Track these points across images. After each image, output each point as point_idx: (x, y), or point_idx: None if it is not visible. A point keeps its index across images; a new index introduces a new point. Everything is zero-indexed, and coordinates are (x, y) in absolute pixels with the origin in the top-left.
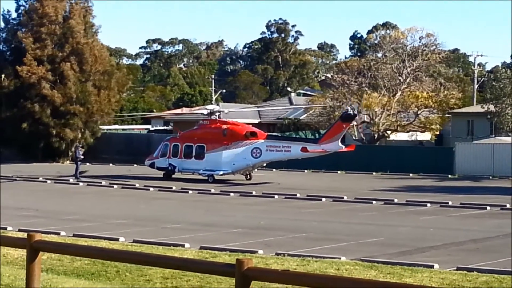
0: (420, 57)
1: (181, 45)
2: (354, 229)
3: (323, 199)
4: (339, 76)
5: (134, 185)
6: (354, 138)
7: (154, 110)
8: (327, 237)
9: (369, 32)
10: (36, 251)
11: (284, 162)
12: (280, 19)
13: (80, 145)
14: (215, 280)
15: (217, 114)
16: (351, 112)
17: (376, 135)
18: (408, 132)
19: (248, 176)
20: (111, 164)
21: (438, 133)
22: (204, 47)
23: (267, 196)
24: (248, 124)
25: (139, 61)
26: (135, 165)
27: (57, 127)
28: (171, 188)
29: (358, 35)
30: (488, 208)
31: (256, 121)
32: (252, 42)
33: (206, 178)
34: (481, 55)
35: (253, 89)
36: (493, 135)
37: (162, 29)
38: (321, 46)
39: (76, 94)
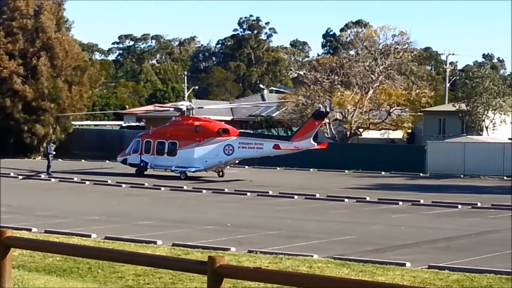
0: (393, 55)
1: (153, 41)
2: (327, 227)
3: (296, 196)
4: (311, 73)
5: (106, 181)
6: (326, 135)
7: (127, 106)
8: (300, 234)
9: (342, 29)
10: (7, 247)
11: (256, 159)
12: (251, 16)
13: (52, 141)
14: (187, 278)
15: (189, 110)
16: (323, 110)
17: (348, 133)
18: (380, 130)
19: (221, 173)
20: (83, 160)
21: (410, 131)
22: (177, 43)
23: (240, 193)
24: (221, 121)
25: (112, 57)
26: (108, 161)
27: (28, 122)
28: (144, 184)
29: (331, 33)
30: (460, 206)
31: (229, 118)
32: (225, 38)
33: (179, 174)
34: (453, 54)
35: (226, 86)
36: (465, 134)
37: (134, 25)
38: (294, 43)
39: (48, 89)
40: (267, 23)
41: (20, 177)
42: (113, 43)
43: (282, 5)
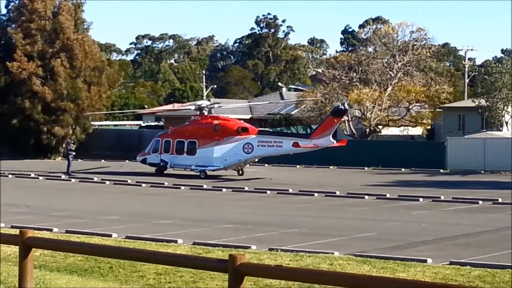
0: (411, 51)
1: (171, 40)
2: (347, 224)
3: (315, 194)
4: (329, 71)
5: (126, 181)
6: (345, 133)
7: (146, 106)
8: (320, 232)
9: (360, 26)
10: (28, 247)
11: (275, 158)
12: (268, 14)
13: (72, 142)
14: (208, 276)
15: (208, 109)
16: (342, 107)
17: (367, 130)
18: (399, 126)
19: (240, 172)
20: (102, 160)
21: (429, 127)
22: (195, 43)
23: (259, 192)
24: (240, 119)
25: (130, 57)
26: (127, 161)
27: (48, 123)
28: (163, 184)
29: (350, 30)
30: (480, 202)
31: (248, 116)
32: (242, 37)
33: (198, 173)
34: (472, 50)
35: (244, 84)
36: (484, 130)
37: (152, 25)
38: (311, 41)
39: (67, 90)
40: (283, 21)
41: (41, 178)
42: (131, 43)
43: (299, 3)
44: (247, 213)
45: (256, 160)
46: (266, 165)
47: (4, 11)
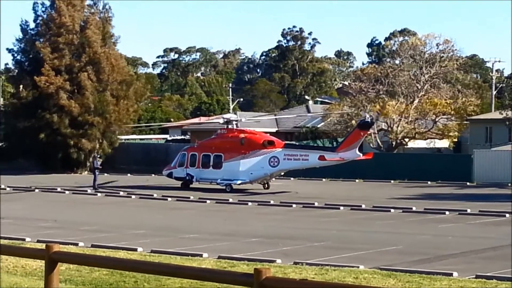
0: (438, 63)
1: (198, 53)
2: (372, 237)
3: (341, 207)
4: (356, 83)
5: (152, 195)
6: (372, 146)
7: (172, 120)
8: (345, 246)
9: (387, 39)
10: (54, 262)
11: (301, 171)
12: (294, 27)
13: (98, 155)
14: None
15: (234, 123)
16: (369, 120)
17: (394, 143)
18: (426, 139)
19: (266, 185)
20: (129, 174)
21: (456, 140)
22: (221, 56)
23: (285, 205)
24: (266, 133)
25: (157, 70)
26: (153, 175)
27: (75, 137)
28: (189, 197)
29: (376, 42)
30: (507, 215)
31: (274, 129)
32: (269, 50)
33: (224, 187)
34: (499, 61)
35: (271, 97)
36: None
37: (179, 38)
38: (338, 54)
39: (94, 104)
40: (310, 34)
41: (67, 192)
42: (157, 57)
43: (326, 16)
44: (273, 227)
45: (282, 173)
46: (292, 178)
47: (32, 25)
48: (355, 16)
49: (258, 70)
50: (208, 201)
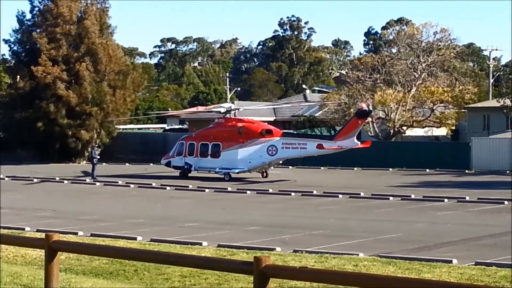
0: (435, 52)
1: (195, 43)
2: (372, 225)
3: (340, 196)
4: (353, 72)
5: (151, 184)
6: (369, 134)
7: (170, 109)
8: (345, 234)
9: (384, 28)
10: (54, 251)
11: (300, 159)
12: (292, 16)
13: (96, 145)
14: (233, 278)
15: (232, 112)
16: (366, 109)
17: (392, 131)
18: (424, 127)
19: (264, 174)
20: (127, 164)
21: (454, 128)
22: (218, 46)
23: (284, 194)
24: (264, 122)
25: (154, 60)
26: (151, 164)
27: (73, 127)
28: (188, 186)
29: (373, 31)
30: (506, 202)
31: (272, 118)
32: (266, 39)
33: (223, 176)
34: (496, 49)
35: (268, 86)
36: (510, 130)
37: (176, 28)
38: (335, 43)
39: (92, 94)
40: (306, 23)
41: (66, 181)
42: (155, 47)
43: (323, 5)
44: (272, 215)
45: (280, 162)
46: (290, 167)
47: (29, 16)
48: (352, 5)
49: (255, 59)
50: (206, 190)
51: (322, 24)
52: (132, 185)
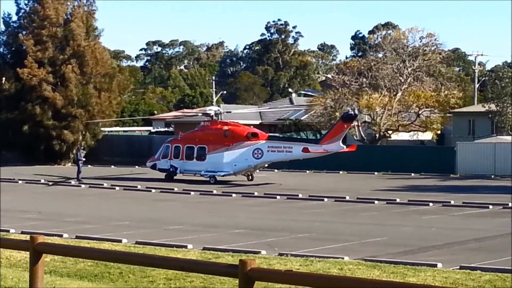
0: (421, 57)
1: (181, 46)
2: (357, 229)
3: (325, 199)
4: (339, 76)
5: (136, 186)
6: (355, 138)
7: (155, 112)
8: (330, 237)
9: (370, 32)
10: (39, 253)
11: (285, 163)
12: (279, 20)
13: (82, 147)
14: (218, 281)
15: (218, 115)
16: (352, 113)
17: (377, 135)
18: (409, 132)
19: (250, 177)
20: (112, 166)
21: (439, 132)
22: (205, 49)
23: (269, 197)
24: (249, 125)
25: (140, 63)
26: (137, 166)
27: (58, 129)
28: (173, 189)
29: (360, 35)
30: (491, 207)
31: (257, 122)
32: (252, 43)
33: (208, 179)
34: (482, 55)
35: (254, 90)
36: (495, 134)
37: (162, 31)
38: (322, 47)
39: (77, 96)
40: (294, 27)
41: (50, 183)
42: (141, 50)
43: (309, 9)
44: (257, 218)
45: (266, 165)
46: (275, 170)
47: (15, 17)
48: (338, 9)
49: (242, 63)
50: (192, 193)
51: (308, 28)
52: (117, 188)
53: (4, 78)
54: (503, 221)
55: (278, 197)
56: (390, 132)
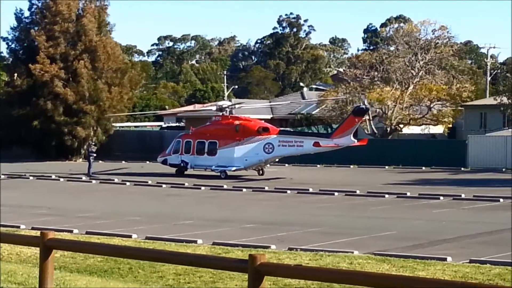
0: (433, 50)
1: (193, 41)
2: (367, 223)
3: (336, 193)
4: (351, 70)
5: (147, 182)
6: (366, 132)
7: (167, 107)
8: (340, 231)
9: (382, 25)
10: (49, 249)
11: (296, 157)
12: (291, 13)
13: (93, 143)
14: (227, 276)
15: (229, 110)
16: (363, 106)
17: (388, 129)
18: (420, 125)
19: (261, 172)
20: (123, 162)
21: (451, 126)
22: (216, 43)
23: (280, 191)
24: (261, 119)
25: (151, 58)
26: (148, 162)
27: (69, 125)
28: (184, 184)
29: (372, 28)
30: (501, 200)
31: (269, 116)
32: (264, 37)
33: (219, 174)
34: (494, 47)
35: (266, 84)
36: (506, 127)
37: (174, 26)
38: (333, 41)
39: (89, 92)
40: (305, 21)
41: (62, 179)
42: (152, 45)
43: (321, 3)
44: (267, 213)
45: (277, 160)
46: (286, 165)
47: (27, 13)
48: (350, 2)
49: (253, 57)
50: (202, 188)
51: (320, 22)
52: (128, 183)
53: (16, 74)
54: None
55: (288, 191)
56: (401, 125)
